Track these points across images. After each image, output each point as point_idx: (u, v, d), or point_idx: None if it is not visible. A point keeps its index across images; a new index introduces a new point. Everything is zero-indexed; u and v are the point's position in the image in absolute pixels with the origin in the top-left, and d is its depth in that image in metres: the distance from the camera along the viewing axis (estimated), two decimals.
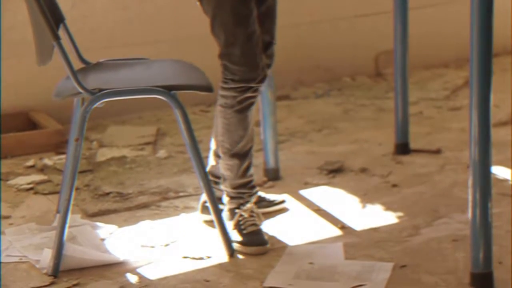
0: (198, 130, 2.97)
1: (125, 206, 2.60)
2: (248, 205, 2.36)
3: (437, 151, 2.96)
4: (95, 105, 2.16)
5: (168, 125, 3.21)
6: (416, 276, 2.16)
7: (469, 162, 2.04)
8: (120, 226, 2.47)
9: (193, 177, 2.71)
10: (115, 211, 2.57)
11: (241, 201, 2.37)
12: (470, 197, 2.06)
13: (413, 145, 2.97)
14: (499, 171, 2.78)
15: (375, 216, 2.53)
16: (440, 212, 2.52)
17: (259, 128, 2.76)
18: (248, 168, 2.36)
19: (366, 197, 2.66)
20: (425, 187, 2.70)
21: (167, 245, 2.37)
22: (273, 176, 2.83)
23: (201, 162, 2.28)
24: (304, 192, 2.69)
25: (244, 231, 2.31)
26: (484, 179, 2.04)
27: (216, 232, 2.31)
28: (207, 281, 2.18)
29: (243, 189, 2.38)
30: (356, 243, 2.37)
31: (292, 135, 3.16)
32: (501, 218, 2.45)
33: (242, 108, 2.29)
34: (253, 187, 2.40)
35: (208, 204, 2.30)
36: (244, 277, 2.21)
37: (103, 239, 2.38)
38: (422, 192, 2.67)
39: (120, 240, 2.39)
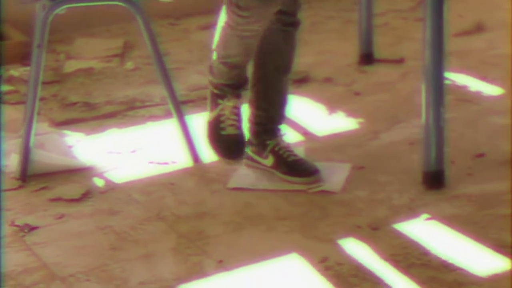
0: (165, 43, 2.98)
1: (92, 115, 2.65)
2: (233, 100, 2.16)
3: (400, 61, 3.01)
4: (56, 11, 2.17)
5: (135, 38, 3.21)
6: (372, 176, 2.25)
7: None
8: (87, 134, 2.52)
9: (159, 88, 2.74)
10: (82, 120, 2.62)
11: (225, 93, 2.17)
12: (423, 101, 2.13)
13: (377, 55, 3.02)
14: (459, 78, 2.85)
15: (337, 123, 2.60)
16: (399, 118, 2.59)
17: None
18: (238, 74, 2.16)
19: (329, 105, 2.73)
20: (387, 94, 2.77)
21: (133, 151, 2.43)
22: None
23: (165, 71, 2.31)
24: None
25: (222, 132, 2.15)
26: (437, 84, 2.10)
27: (181, 139, 2.37)
28: (172, 184, 2.26)
29: (227, 88, 2.17)
30: (318, 147, 2.44)
31: None
32: (457, 122, 2.53)
33: (244, 36, 2.08)
34: (240, 86, 2.17)
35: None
36: (208, 180, 2.29)
37: (70, 146, 2.44)
38: (384, 100, 2.73)
39: (87, 147, 2.45)
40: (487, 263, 1.80)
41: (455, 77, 2.85)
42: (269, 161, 2.25)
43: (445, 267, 1.80)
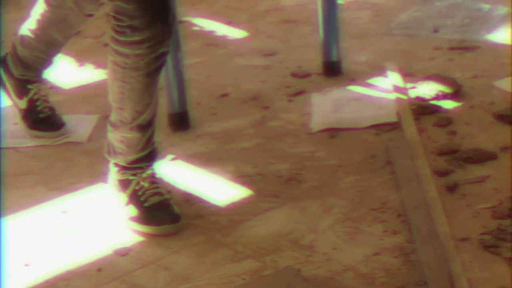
0: None
1: None
2: (148, 172, 1.79)
3: None
4: None
5: None
6: None
7: None
8: None
9: None
10: None
11: (138, 171, 1.79)
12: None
13: None
14: (206, 23, 2.91)
15: (86, 75, 2.54)
16: None
17: None
18: (150, 137, 1.78)
19: (78, 58, 2.66)
20: None
21: None
22: None
23: None
24: None
25: (146, 204, 1.76)
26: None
27: None
28: None
29: (142, 163, 1.78)
30: (64, 100, 2.37)
31: None
32: (204, 65, 2.58)
33: (151, 71, 1.69)
34: (155, 155, 1.81)
35: None
36: None
37: None
38: None
39: None
40: (225, 194, 1.85)
41: (203, 23, 2.90)
42: (22, 103, 2.16)
43: (187, 201, 1.83)
